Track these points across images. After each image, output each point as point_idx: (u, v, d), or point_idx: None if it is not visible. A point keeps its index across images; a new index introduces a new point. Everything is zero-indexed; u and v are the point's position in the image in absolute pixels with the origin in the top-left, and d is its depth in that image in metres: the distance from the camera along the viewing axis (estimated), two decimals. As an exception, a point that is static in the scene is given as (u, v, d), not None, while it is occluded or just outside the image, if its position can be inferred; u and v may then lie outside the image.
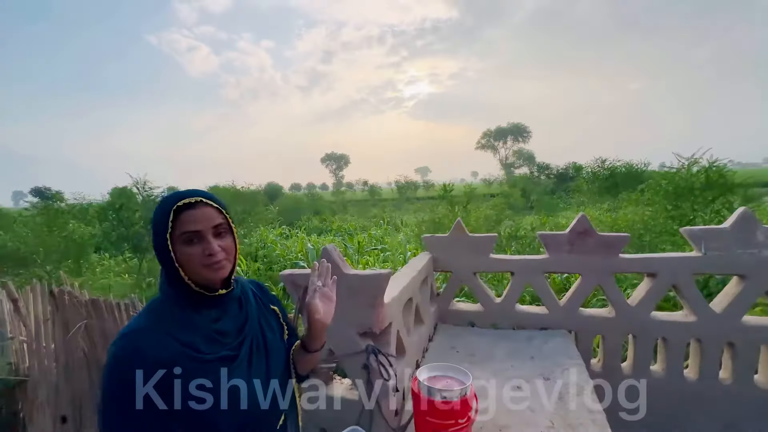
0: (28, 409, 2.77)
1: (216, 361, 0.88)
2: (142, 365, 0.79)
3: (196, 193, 0.89)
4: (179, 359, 0.83)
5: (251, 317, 1.02)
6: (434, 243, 2.79)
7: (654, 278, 2.35)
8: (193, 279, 0.88)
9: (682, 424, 2.31)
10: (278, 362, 1.04)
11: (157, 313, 0.88)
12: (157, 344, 0.82)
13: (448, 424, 1.38)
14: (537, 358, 2.19)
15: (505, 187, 26.93)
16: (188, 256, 0.86)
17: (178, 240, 0.86)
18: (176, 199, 0.86)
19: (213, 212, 0.89)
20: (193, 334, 0.88)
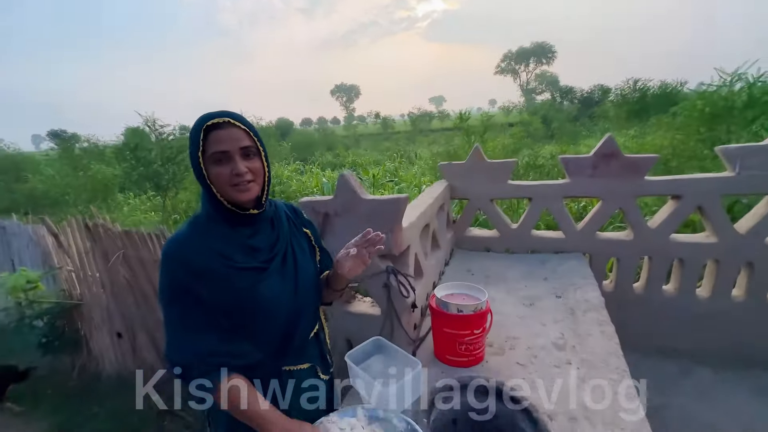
0: (87, 328, 3.14)
1: (249, 270, 0.96)
2: (184, 265, 0.90)
3: (225, 114, 0.90)
4: (215, 265, 0.91)
5: (282, 237, 1.06)
6: (451, 171, 2.74)
7: (679, 200, 2.29)
8: (224, 198, 0.93)
9: (691, 340, 2.43)
10: (307, 279, 1.10)
11: (197, 225, 0.95)
12: (197, 250, 0.91)
13: (463, 334, 1.49)
14: (550, 279, 2.26)
15: (525, 115, 25.49)
16: (217, 175, 0.90)
17: (209, 159, 0.89)
18: (206, 119, 0.89)
19: (241, 133, 0.91)
20: (227, 246, 0.95)
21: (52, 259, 3.31)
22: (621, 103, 16.29)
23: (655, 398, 2.21)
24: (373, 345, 1.52)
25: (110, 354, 3.03)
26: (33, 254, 3.57)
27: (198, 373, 0.89)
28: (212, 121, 0.88)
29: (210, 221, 0.96)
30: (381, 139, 27.33)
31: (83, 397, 2.83)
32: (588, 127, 18.14)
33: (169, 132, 8.97)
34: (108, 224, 2.63)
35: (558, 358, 1.54)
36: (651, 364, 2.47)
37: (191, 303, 0.90)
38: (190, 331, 0.91)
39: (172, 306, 0.91)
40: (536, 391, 1.37)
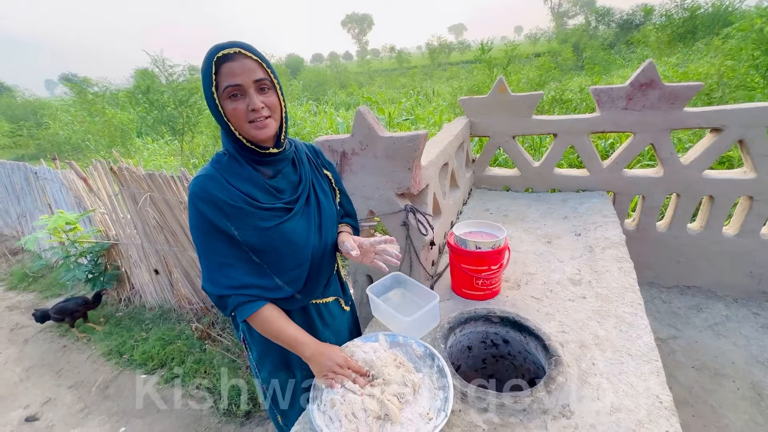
0: (127, 266, 3.39)
1: (274, 210, 0.98)
2: (210, 203, 0.91)
3: (235, 44, 0.85)
4: (240, 204, 0.92)
5: (305, 178, 1.06)
6: (472, 105, 2.60)
7: (719, 133, 2.13)
8: (243, 135, 0.91)
9: (710, 277, 2.43)
10: (329, 220, 1.12)
11: (220, 164, 0.95)
12: (222, 189, 0.92)
13: (481, 270, 1.53)
14: (570, 217, 2.23)
15: (554, 44, 23.22)
16: (233, 111, 0.87)
17: (224, 95, 0.86)
18: (216, 50, 0.84)
19: (253, 65, 0.86)
20: (250, 186, 0.95)
21: (86, 202, 3.48)
22: (665, 25, 14.50)
23: (665, 330, 2.30)
24: (393, 279, 1.59)
25: (150, 288, 3.30)
26: (67, 198, 3.75)
27: (234, 304, 0.95)
28: (222, 52, 0.83)
29: (232, 161, 0.95)
30: (397, 75, 25.83)
31: (131, 325, 3.16)
32: (624, 55, 16.48)
33: (179, 72, 8.69)
34: (132, 168, 2.69)
35: (573, 293, 1.58)
36: (666, 299, 2.52)
37: (221, 239, 0.93)
38: (223, 266, 0.94)
39: (203, 242, 0.94)
40: (549, 322, 1.43)
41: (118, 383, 2.61)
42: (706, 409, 1.83)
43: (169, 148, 10.45)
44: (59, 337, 3.18)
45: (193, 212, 0.93)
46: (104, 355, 2.88)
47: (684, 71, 7.97)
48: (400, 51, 41.46)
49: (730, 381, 1.95)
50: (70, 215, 3.12)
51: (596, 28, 23.43)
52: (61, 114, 13.94)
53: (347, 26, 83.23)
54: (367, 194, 1.68)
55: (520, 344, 1.45)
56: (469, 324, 1.49)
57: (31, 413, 2.44)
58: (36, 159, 11.09)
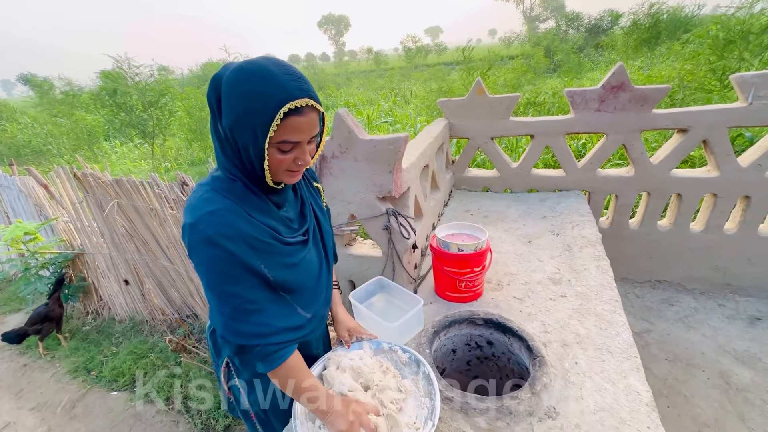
0: (94, 276, 3.20)
1: (296, 245, 0.90)
2: (240, 240, 0.76)
3: (307, 92, 0.71)
4: (269, 239, 0.82)
5: (306, 202, 0.99)
6: (451, 107, 2.61)
7: (685, 134, 2.23)
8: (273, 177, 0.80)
9: (679, 272, 2.53)
10: (330, 240, 1.09)
11: (234, 194, 0.79)
12: (246, 222, 0.78)
13: (463, 272, 1.52)
14: (549, 217, 2.28)
15: (527, 47, 23.88)
16: (277, 163, 0.76)
17: (272, 144, 0.73)
18: (283, 98, 0.68)
19: (316, 119, 0.76)
20: (272, 220, 0.85)
21: (47, 210, 3.27)
22: (631, 30, 15.19)
23: (639, 324, 2.38)
24: (376, 284, 1.57)
25: (120, 300, 3.13)
26: (26, 206, 3.52)
27: (263, 354, 0.84)
28: (294, 104, 0.69)
29: (247, 191, 0.81)
30: (374, 76, 25.85)
31: (100, 340, 2.99)
32: (593, 59, 17.15)
33: (147, 73, 8.34)
34: (98, 173, 2.54)
35: (554, 292, 1.60)
36: (639, 293, 2.61)
37: (251, 282, 0.80)
38: (250, 312, 0.80)
39: (227, 287, 0.78)
40: (531, 323, 1.44)
41: (86, 402, 2.46)
42: (680, 400, 1.90)
43: (139, 152, 10.03)
44: (19, 356, 2.97)
45: (215, 254, 0.74)
46: (70, 372, 2.70)
47: (648, 74, 8.36)
48: (377, 53, 41.56)
49: (700, 371, 2.03)
50: (30, 224, 2.92)
51: (566, 32, 24.29)
52: (19, 116, 13.12)
53: (324, 27, 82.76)
54: (347, 198, 1.65)
55: (504, 345, 1.45)
56: (453, 327, 1.48)
57: (-13, 440, 2.26)
58: (-9, 164, 10.38)
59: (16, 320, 3.43)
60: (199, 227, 0.73)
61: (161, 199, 2.31)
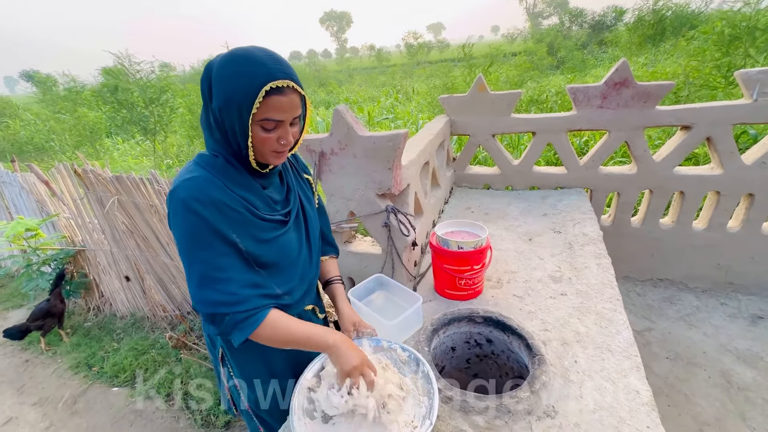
0: (95, 272, 3.21)
1: (273, 222, 0.92)
2: (213, 207, 0.79)
3: (288, 74, 0.76)
4: (242, 210, 0.84)
5: (292, 188, 1.02)
6: (452, 104, 2.59)
7: (688, 131, 2.20)
8: (258, 158, 0.85)
9: (682, 270, 2.52)
10: (315, 229, 1.10)
11: (214, 167, 0.83)
12: (224, 192, 0.81)
13: (463, 270, 1.52)
14: (550, 214, 2.26)
15: (530, 44, 23.73)
16: (261, 141, 0.80)
17: (258, 122, 0.78)
18: (265, 78, 0.74)
19: (297, 100, 0.80)
20: (250, 194, 0.87)
21: (48, 207, 3.28)
22: (635, 27, 15.05)
23: (640, 322, 2.36)
24: (375, 282, 1.56)
25: (121, 296, 3.14)
26: (28, 202, 3.53)
27: (232, 323, 0.84)
28: (275, 83, 0.74)
29: (228, 166, 0.85)
30: (376, 73, 25.78)
31: (101, 336, 3.00)
32: (596, 55, 17.02)
33: (147, 70, 8.32)
34: (98, 170, 2.54)
35: (554, 290, 1.59)
36: (641, 292, 2.59)
37: (220, 248, 0.81)
38: (217, 280, 0.81)
39: (197, 252, 0.79)
40: (531, 321, 1.43)
41: (87, 398, 2.47)
42: (681, 398, 1.89)
43: (141, 149, 10.03)
44: (21, 351, 2.98)
45: (188, 218, 0.78)
46: (71, 368, 2.72)
47: (653, 70, 8.28)
48: (379, 49, 41.39)
49: (701, 370, 2.02)
50: (31, 221, 2.93)
51: (569, 29, 24.11)
52: (22, 112, 13.15)
53: (326, 24, 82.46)
54: (347, 195, 1.64)
55: (504, 343, 1.44)
56: (452, 325, 1.48)
57: (-10, 434, 2.28)
58: (-6, 161, 10.42)
59: (18, 316, 3.45)
60: (176, 192, 0.78)
61: (161, 195, 2.31)
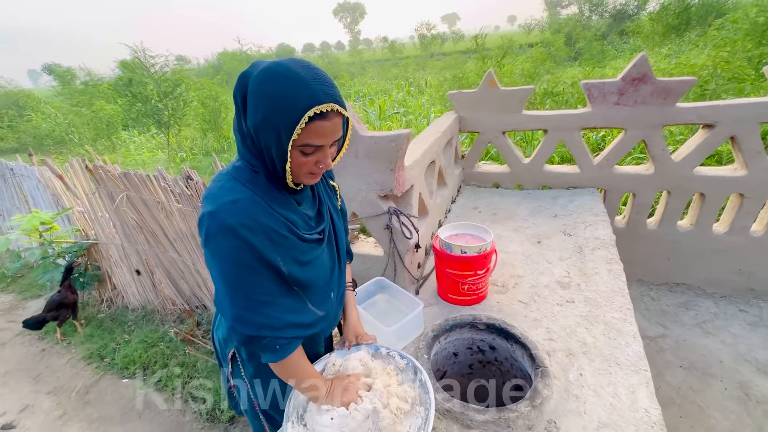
0: (108, 265, 3.28)
1: (312, 242, 0.90)
2: (259, 232, 0.76)
3: (333, 98, 0.70)
4: (286, 233, 0.82)
5: (324, 201, 0.99)
6: (461, 100, 2.52)
7: (711, 129, 2.09)
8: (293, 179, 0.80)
9: (700, 275, 2.41)
10: (343, 241, 1.08)
11: (257, 186, 0.79)
12: (267, 214, 0.78)
13: (466, 275, 1.47)
14: (560, 215, 2.19)
15: (548, 34, 23.06)
16: (299, 164, 0.76)
17: (295, 147, 0.73)
18: (308, 102, 0.68)
19: (340, 123, 0.76)
20: (291, 214, 0.85)
21: (63, 201, 3.35)
22: (659, 16, 14.42)
23: (654, 328, 2.28)
24: (376, 285, 1.53)
25: (132, 289, 3.20)
26: (44, 195, 3.62)
27: (271, 346, 0.84)
28: (320, 109, 0.68)
29: (267, 183, 0.81)
30: (389, 65, 25.50)
31: (114, 327, 3.08)
32: (617, 46, 16.42)
33: (161, 63, 8.41)
34: (107, 166, 2.57)
35: (561, 297, 1.54)
36: (655, 296, 2.50)
37: (267, 274, 0.80)
38: (263, 304, 0.81)
39: (242, 278, 0.78)
40: (536, 329, 1.38)
41: (99, 388, 2.53)
42: (694, 410, 1.82)
43: (155, 141, 10.20)
44: (38, 341, 3.08)
45: (235, 244, 0.74)
46: (84, 358, 2.79)
47: (677, 62, 7.93)
48: (392, 41, 40.92)
49: (717, 380, 1.93)
50: (45, 215, 3.00)
51: (589, 18, 23.31)
52: (43, 106, 13.51)
53: (339, 15, 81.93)
54: (349, 196, 1.61)
55: (507, 351, 1.40)
56: (454, 331, 1.44)
57: (7, 421, 2.36)
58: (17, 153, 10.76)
59: (36, 305, 3.56)
60: (220, 216, 0.73)
61: (167, 192, 2.32)
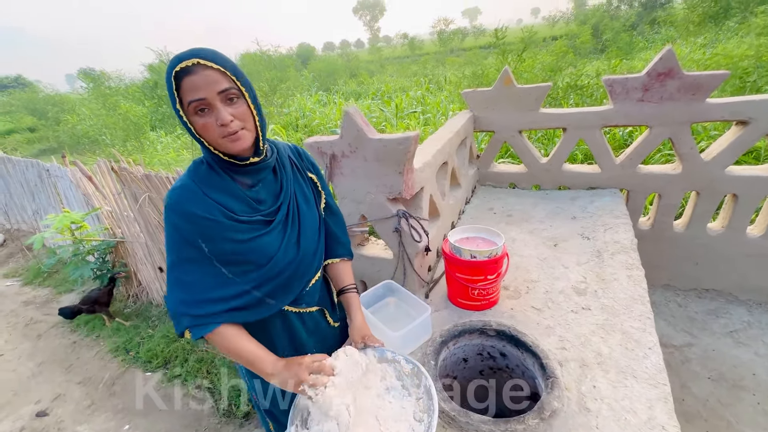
0: (133, 262, 3.43)
1: (252, 223, 0.93)
2: (183, 216, 0.87)
3: (194, 54, 0.78)
4: (216, 216, 0.88)
5: (286, 186, 1.01)
6: (476, 99, 2.46)
7: (745, 126, 1.95)
8: (219, 149, 0.86)
9: (732, 280, 2.27)
10: (310, 230, 1.06)
11: (198, 174, 0.91)
12: (197, 201, 0.87)
13: (477, 279, 1.44)
14: (579, 217, 2.11)
15: (573, 26, 22.26)
16: (204, 126, 0.82)
17: (190, 110, 0.80)
18: (173, 64, 0.78)
19: (216, 75, 0.79)
20: (227, 198, 0.91)
21: (93, 200, 3.52)
22: (695, 3, 13.63)
23: (680, 336, 2.17)
24: (385, 288, 1.53)
25: (156, 285, 3.33)
26: (76, 195, 3.81)
27: (186, 325, 0.90)
28: (181, 65, 0.77)
29: (210, 171, 0.90)
30: (408, 62, 25.33)
31: (139, 322, 3.21)
32: (647, 37, 15.65)
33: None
34: (130, 167, 2.68)
35: (576, 303, 1.48)
36: (682, 302, 2.38)
37: (189, 253, 0.89)
38: (183, 283, 0.89)
39: (171, 255, 0.90)
40: (548, 337, 1.34)
41: (124, 380, 2.65)
42: (722, 425, 1.72)
43: (181, 141, 10.55)
44: (70, 333, 3.26)
45: (166, 224, 0.89)
46: (111, 351, 2.93)
47: (713, 52, 7.46)
48: (412, 38, 40.60)
49: (749, 394, 1.82)
50: (75, 214, 3.16)
51: (618, 8, 22.33)
52: (78, 108, 14.25)
53: (359, 13, 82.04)
54: (358, 198, 1.60)
55: (518, 359, 1.36)
56: (463, 337, 1.42)
57: (41, 408, 2.51)
58: (56, 153, 11.40)
59: (69, 299, 3.77)
60: (165, 202, 0.89)
61: (187, 193, 2.39)
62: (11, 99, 20.39)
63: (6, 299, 3.95)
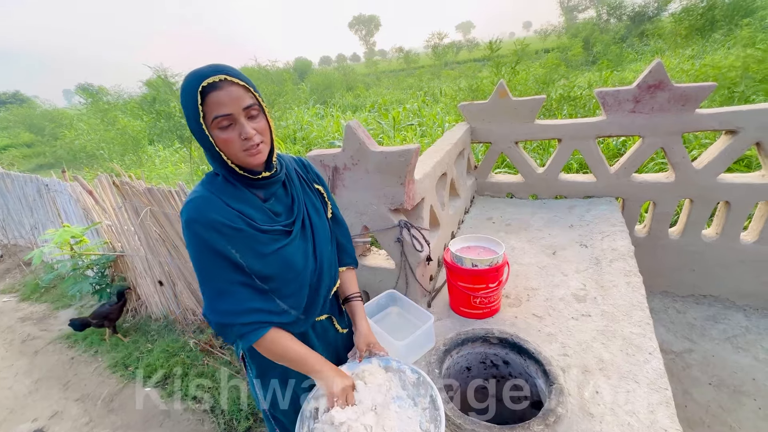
0: (132, 276, 3.42)
1: (272, 233, 0.93)
2: (209, 226, 0.85)
3: (219, 70, 0.80)
4: (240, 225, 0.88)
5: (297, 198, 1.03)
6: (472, 111, 2.53)
7: (734, 135, 2.02)
8: (236, 162, 0.88)
9: (728, 286, 2.31)
10: (323, 240, 1.08)
11: (214, 185, 0.90)
12: (219, 210, 0.86)
13: (478, 288, 1.47)
14: (576, 226, 2.15)
15: (564, 39, 22.80)
16: (226, 142, 0.83)
17: (213, 125, 0.82)
18: (199, 79, 0.79)
19: (241, 91, 0.82)
20: (248, 207, 0.91)
21: (92, 215, 3.52)
22: (682, 17, 14.03)
23: (679, 343, 2.19)
24: (388, 298, 1.54)
25: (155, 299, 3.32)
26: (75, 210, 3.81)
27: (237, 333, 0.90)
28: (207, 81, 0.78)
29: (227, 183, 0.91)
30: (404, 75, 25.74)
31: (137, 337, 3.18)
32: (637, 49, 16.05)
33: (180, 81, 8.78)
34: (131, 181, 2.70)
35: (577, 310, 1.50)
36: (681, 308, 2.40)
37: (223, 264, 0.88)
38: (224, 293, 0.88)
39: (203, 269, 0.88)
40: (550, 344, 1.36)
41: (123, 396, 2.62)
42: (724, 430, 1.72)
43: (179, 155, 10.59)
44: (68, 349, 3.22)
45: (191, 238, 0.86)
46: (110, 367, 2.90)
47: (702, 63, 7.66)
48: (407, 51, 41.35)
49: (750, 399, 1.83)
50: (75, 228, 3.16)
51: (607, 22, 22.92)
52: (76, 123, 14.31)
53: (354, 28, 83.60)
54: (360, 209, 1.63)
55: (521, 366, 1.38)
56: (466, 345, 1.43)
57: (38, 426, 2.47)
58: (54, 168, 11.39)
59: (66, 315, 3.73)
60: (182, 214, 0.86)
61: (188, 206, 2.41)
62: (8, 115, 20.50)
63: (2, 315, 3.91)
